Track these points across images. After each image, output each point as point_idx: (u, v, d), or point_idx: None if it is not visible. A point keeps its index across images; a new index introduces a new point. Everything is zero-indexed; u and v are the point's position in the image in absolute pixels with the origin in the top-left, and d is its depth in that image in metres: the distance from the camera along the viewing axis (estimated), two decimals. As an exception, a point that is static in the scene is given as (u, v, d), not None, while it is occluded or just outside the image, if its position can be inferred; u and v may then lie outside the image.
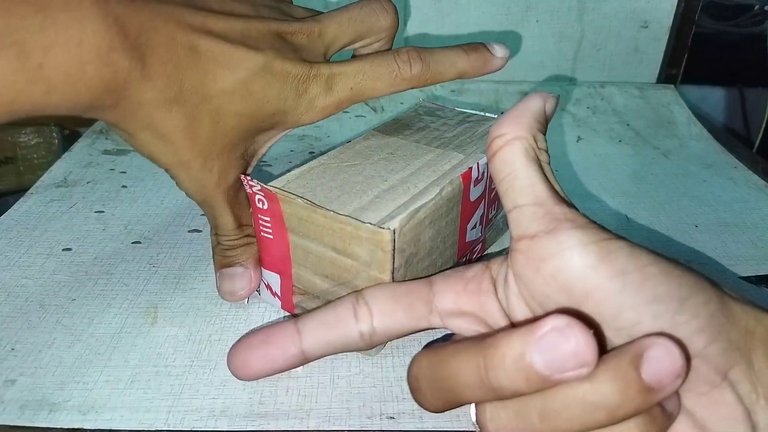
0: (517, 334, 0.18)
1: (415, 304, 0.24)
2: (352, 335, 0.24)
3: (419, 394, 0.22)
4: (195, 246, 0.36)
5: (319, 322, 0.24)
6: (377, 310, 0.24)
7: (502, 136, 0.21)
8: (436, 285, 0.24)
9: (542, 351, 0.17)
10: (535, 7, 0.61)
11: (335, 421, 0.25)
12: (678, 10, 0.61)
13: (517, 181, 0.21)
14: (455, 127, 0.33)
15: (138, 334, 0.29)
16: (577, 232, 0.19)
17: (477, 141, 0.31)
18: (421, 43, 0.62)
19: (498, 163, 0.21)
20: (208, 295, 0.32)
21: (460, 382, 0.19)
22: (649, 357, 0.17)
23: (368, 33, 0.30)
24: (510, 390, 0.18)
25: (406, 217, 0.24)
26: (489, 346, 0.18)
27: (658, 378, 0.17)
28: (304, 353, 0.24)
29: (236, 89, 0.25)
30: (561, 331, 0.17)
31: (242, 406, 0.25)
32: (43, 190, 0.42)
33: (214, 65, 0.25)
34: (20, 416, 0.24)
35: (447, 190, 0.27)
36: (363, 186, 0.27)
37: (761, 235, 0.39)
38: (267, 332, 0.24)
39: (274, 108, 0.27)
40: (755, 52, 0.68)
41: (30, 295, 0.31)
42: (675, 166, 0.49)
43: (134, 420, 0.24)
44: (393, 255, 0.24)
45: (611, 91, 0.62)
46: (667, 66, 0.64)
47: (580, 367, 0.17)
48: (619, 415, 0.17)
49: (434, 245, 0.27)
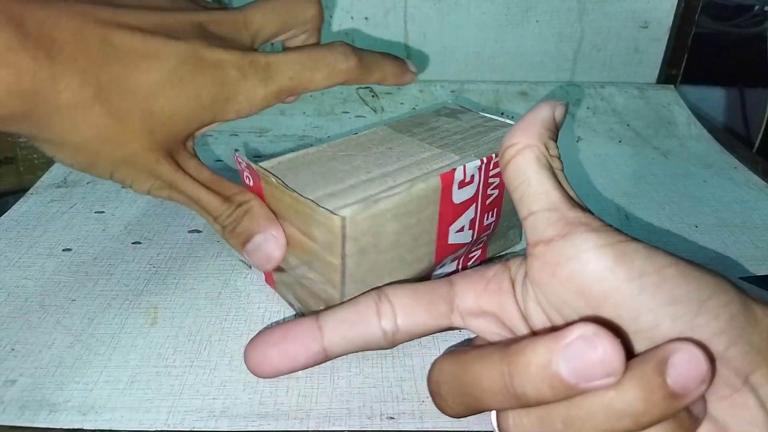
0: (542, 342, 0.18)
1: (436, 303, 0.24)
2: (375, 333, 0.24)
3: (440, 398, 0.21)
4: (195, 246, 0.36)
5: (341, 320, 0.24)
6: (400, 309, 0.24)
7: (514, 146, 0.22)
8: (457, 284, 0.25)
9: (569, 359, 0.17)
10: (535, 7, 0.61)
11: (335, 421, 0.25)
12: (678, 11, 0.61)
13: (531, 188, 0.21)
14: (467, 131, 0.32)
15: (138, 334, 0.29)
16: (593, 235, 0.19)
17: (481, 145, 0.30)
18: (421, 43, 0.62)
19: (511, 171, 0.22)
20: (208, 296, 0.32)
21: (483, 388, 0.19)
22: (674, 363, 0.17)
23: (294, 23, 0.30)
24: (534, 398, 0.18)
25: (361, 207, 0.25)
26: (514, 353, 0.18)
27: (683, 383, 0.17)
28: (325, 351, 0.23)
29: (165, 80, 0.24)
30: (588, 340, 0.17)
31: (242, 407, 0.25)
32: (43, 191, 0.42)
33: (135, 57, 0.24)
34: (20, 416, 0.24)
35: (419, 187, 0.26)
36: (344, 175, 0.27)
37: (761, 235, 0.39)
38: (286, 328, 0.24)
39: (211, 97, 0.26)
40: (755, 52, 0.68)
41: (30, 296, 0.31)
42: (675, 166, 0.49)
43: (134, 420, 0.24)
44: (343, 241, 0.24)
45: (611, 92, 0.62)
46: (667, 66, 0.64)
47: (607, 377, 0.17)
48: (645, 422, 0.17)
49: (400, 240, 0.27)
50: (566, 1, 0.61)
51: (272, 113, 0.57)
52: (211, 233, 0.37)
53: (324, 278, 0.26)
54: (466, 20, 0.62)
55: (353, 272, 0.26)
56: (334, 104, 0.59)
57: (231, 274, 0.33)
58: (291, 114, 0.57)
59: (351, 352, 0.24)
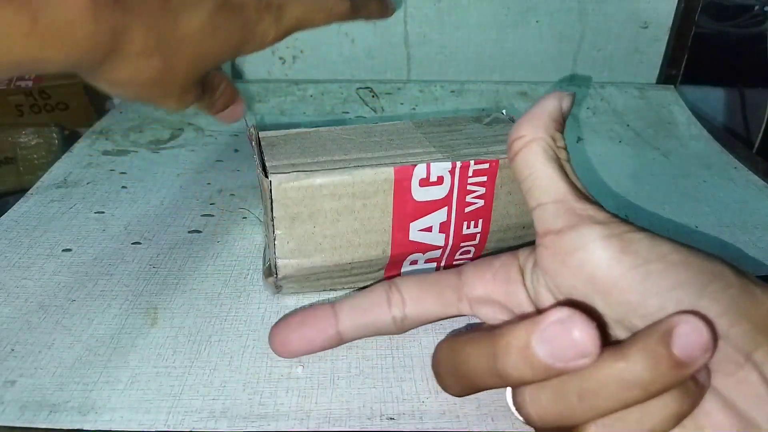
0: (522, 325, 0.19)
1: (444, 292, 0.26)
2: (386, 320, 0.26)
3: (440, 378, 0.23)
4: (195, 246, 0.36)
5: (354, 306, 0.26)
6: (409, 297, 0.26)
7: (521, 138, 0.23)
8: (465, 274, 0.26)
9: (545, 341, 0.18)
10: (535, 7, 0.61)
11: (335, 422, 0.25)
12: (678, 11, 0.61)
13: (538, 181, 0.22)
14: (482, 138, 0.32)
15: (138, 334, 0.29)
16: (599, 226, 0.20)
17: (477, 153, 0.29)
18: (421, 42, 0.62)
19: (519, 164, 0.23)
20: (208, 296, 0.32)
21: (471, 369, 0.21)
22: (679, 333, 0.18)
23: None
24: (516, 377, 0.19)
25: (292, 177, 0.27)
26: (497, 336, 0.20)
27: (688, 352, 0.17)
28: (340, 335, 0.26)
29: (204, 27, 0.27)
30: (563, 323, 0.18)
31: (242, 407, 0.25)
32: (43, 191, 0.42)
33: (182, 8, 0.26)
34: (20, 417, 0.24)
35: (364, 172, 0.27)
36: (322, 153, 0.29)
37: (761, 235, 0.39)
38: (305, 314, 0.26)
39: (237, 39, 0.29)
40: (755, 52, 0.68)
41: (30, 296, 0.31)
42: (675, 166, 0.49)
43: (134, 421, 0.24)
44: (271, 203, 0.27)
45: (611, 92, 0.62)
46: (667, 66, 0.64)
47: (581, 358, 0.18)
48: (654, 391, 0.18)
49: (341, 219, 0.28)
50: (566, 1, 0.61)
51: (273, 113, 0.57)
52: (211, 233, 0.37)
53: (267, 238, 0.29)
54: (466, 20, 0.62)
55: (284, 236, 0.28)
56: (334, 104, 0.59)
57: (231, 274, 0.33)
58: (291, 114, 0.57)
59: (364, 336, 0.26)
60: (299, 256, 0.29)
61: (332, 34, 0.62)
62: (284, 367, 0.27)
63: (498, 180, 0.29)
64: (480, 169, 0.29)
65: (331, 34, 0.62)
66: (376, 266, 0.30)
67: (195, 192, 0.42)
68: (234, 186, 0.43)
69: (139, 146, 0.50)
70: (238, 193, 0.42)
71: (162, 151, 0.49)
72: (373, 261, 0.30)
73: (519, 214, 0.31)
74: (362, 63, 0.64)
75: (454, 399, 0.25)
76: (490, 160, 0.29)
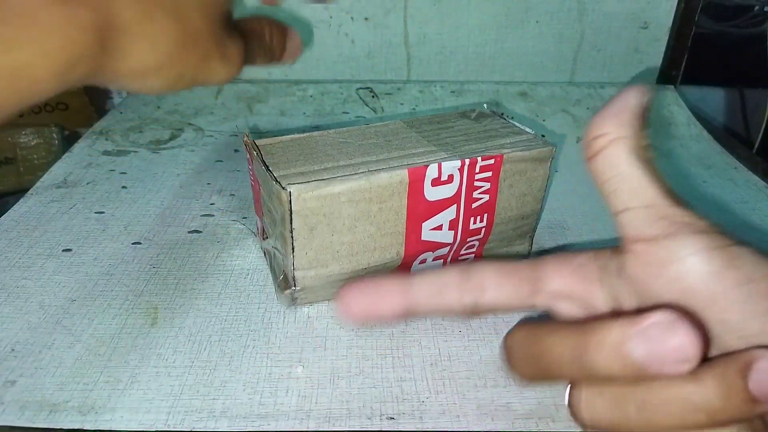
0: (621, 322, 0.18)
1: (521, 283, 0.25)
2: (458, 304, 0.24)
3: (513, 362, 0.22)
4: (195, 246, 0.36)
5: (430, 284, 0.24)
6: (487, 284, 0.24)
7: (603, 136, 0.21)
8: (545, 267, 0.25)
9: (644, 341, 0.17)
10: (535, 7, 0.61)
11: (335, 421, 0.25)
12: (678, 11, 0.61)
13: (625, 184, 0.20)
14: (477, 134, 0.32)
15: (138, 334, 0.29)
16: (701, 237, 0.19)
17: (478, 149, 0.30)
18: (421, 43, 0.62)
19: (600, 164, 0.21)
20: (208, 296, 0.32)
21: (553, 358, 0.20)
22: (759, 368, 0.17)
23: None
24: (603, 373, 0.18)
25: (311, 186, 0.26)
26: (591, 328, 0.19)
27: (764, 390, 0.17)
28: (408, 309, 0.24)
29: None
30: (666, 325, 0.17)
31: (242, 407, 0.25)
32: (43, 191, 0.42)
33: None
34: (20, 417, 0.24)
35: (380, 176, 0.27)
36: (326, 159, 0.29)
37: (762, 236, 0.39)
38: (380, 282, 0.25)
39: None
40: (755, 52, 0.68)
41: (30, 296, 0.31)
42: (675, 166, 0.49)
43: (134, 421, 0.24)
44: (290, 214, 0.26)
45: (611, 92, 0.62)
46: (667, 67, 0.64)
47: (681, 363, 0.17)
48: (719, 420, 0.17)
49: (358, 225, 0.28)
50: (566, 2, 0.61)
51: (273, 113, 0.57)
52: (211, 233, 0.37)
53: (282, 250, 0.28)
54: (466, 20, 0.62)
55: (303, 247, 0.27)
56: (334, 105, 0.59)
57: (231, 274, 0.33)
58: (291, 114, 0.57)
59: (429, 315, 0.26)
60: (317, 266, 0.28)
61: (332, 34, 0.62)
62: (284, 367, 0.27)
63: (501, 174, 0.30)
64: (486, 164, 0.29)
65: (332, 34, 0.62)
66: (389, 269, 0.30)
67: (195, 192, 0.42)
68: (234, 186, 0.43)
69: (139, 146, 0.50)
70: (238, 193, 0.42)
71: (162, 151, 0.49)
72: (387, 264, 0.30)
73: (518, 205, 0.32)
74: (362, 63, 0.64)
75: (453, 399, 0.26)
76: (495, 156, 0.29)
